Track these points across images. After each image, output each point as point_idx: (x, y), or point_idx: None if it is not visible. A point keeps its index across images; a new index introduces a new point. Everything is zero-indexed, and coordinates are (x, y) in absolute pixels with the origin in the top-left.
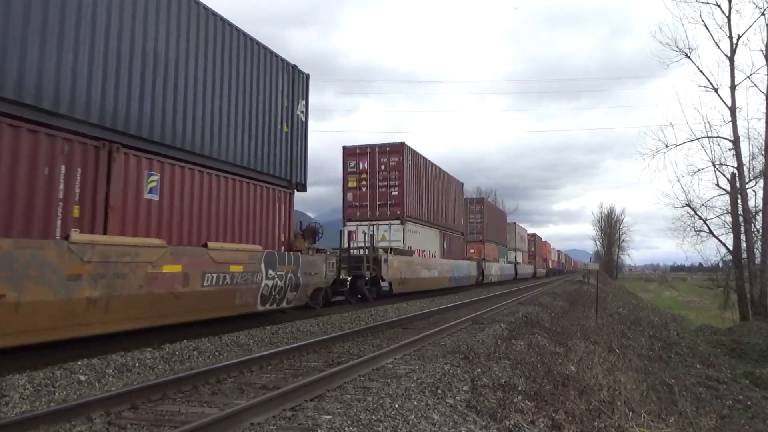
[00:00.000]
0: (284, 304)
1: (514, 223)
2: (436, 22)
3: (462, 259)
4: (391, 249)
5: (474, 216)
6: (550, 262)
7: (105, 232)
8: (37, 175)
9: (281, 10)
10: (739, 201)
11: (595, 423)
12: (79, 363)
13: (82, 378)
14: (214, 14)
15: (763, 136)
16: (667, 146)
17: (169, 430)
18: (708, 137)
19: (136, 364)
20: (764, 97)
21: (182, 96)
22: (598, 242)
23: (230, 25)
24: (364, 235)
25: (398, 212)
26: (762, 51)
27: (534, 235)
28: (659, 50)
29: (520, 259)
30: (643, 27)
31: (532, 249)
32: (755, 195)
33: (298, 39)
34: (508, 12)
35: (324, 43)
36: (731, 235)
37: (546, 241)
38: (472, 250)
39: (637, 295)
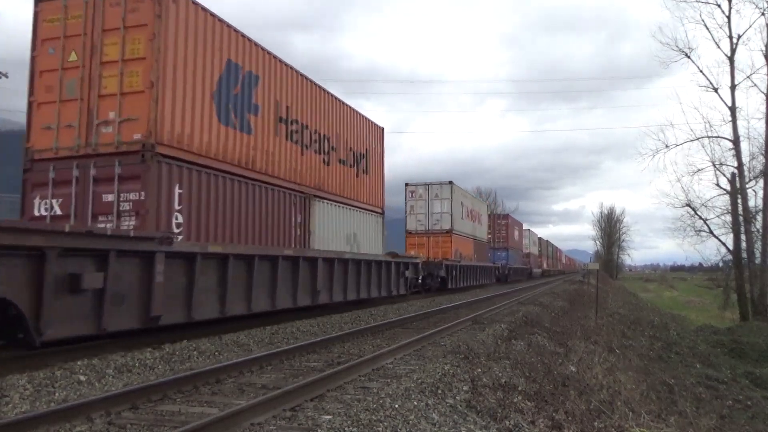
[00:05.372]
0: None
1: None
2: (437, 25)
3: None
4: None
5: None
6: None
7: None
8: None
9: (285, 15)
10: (739, 201)
11: (595, 423)
12: (79, 363)
13: (82, 378)
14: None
15: (763, 136)
16: (667, 146)
17: (169, 430)
18: (708, 137)
19: (136, 364)
20: (764, 97)
21: None
22: (598, 242)
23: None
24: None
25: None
26: (762, 51)
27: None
28: (659, 50)
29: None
30: (641, 32)
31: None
32: (755, 195)
33: (302, 42)
34: (508, 16)
35: (327, 46)
36: (731, 235)
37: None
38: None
39: (637, 294)
